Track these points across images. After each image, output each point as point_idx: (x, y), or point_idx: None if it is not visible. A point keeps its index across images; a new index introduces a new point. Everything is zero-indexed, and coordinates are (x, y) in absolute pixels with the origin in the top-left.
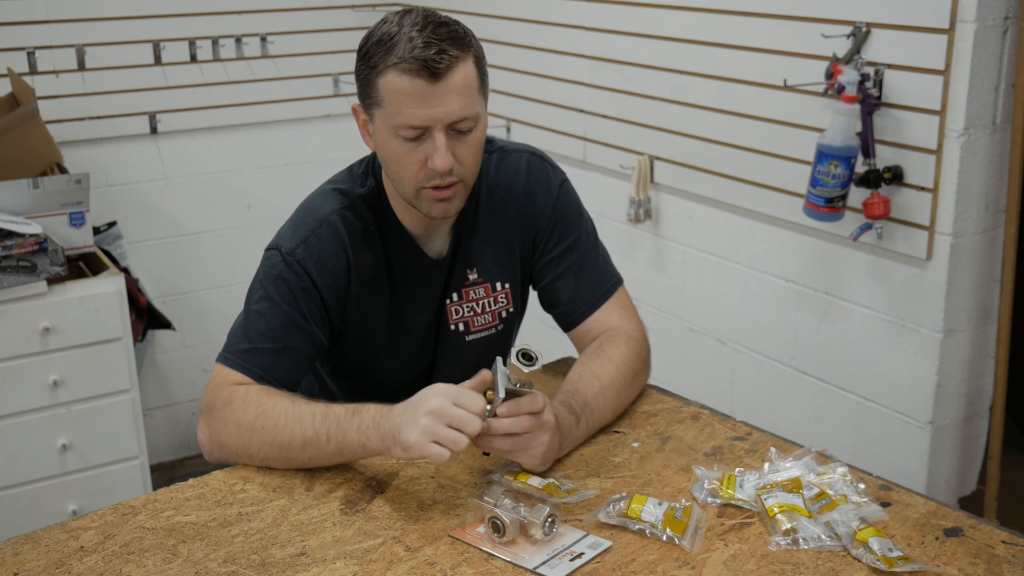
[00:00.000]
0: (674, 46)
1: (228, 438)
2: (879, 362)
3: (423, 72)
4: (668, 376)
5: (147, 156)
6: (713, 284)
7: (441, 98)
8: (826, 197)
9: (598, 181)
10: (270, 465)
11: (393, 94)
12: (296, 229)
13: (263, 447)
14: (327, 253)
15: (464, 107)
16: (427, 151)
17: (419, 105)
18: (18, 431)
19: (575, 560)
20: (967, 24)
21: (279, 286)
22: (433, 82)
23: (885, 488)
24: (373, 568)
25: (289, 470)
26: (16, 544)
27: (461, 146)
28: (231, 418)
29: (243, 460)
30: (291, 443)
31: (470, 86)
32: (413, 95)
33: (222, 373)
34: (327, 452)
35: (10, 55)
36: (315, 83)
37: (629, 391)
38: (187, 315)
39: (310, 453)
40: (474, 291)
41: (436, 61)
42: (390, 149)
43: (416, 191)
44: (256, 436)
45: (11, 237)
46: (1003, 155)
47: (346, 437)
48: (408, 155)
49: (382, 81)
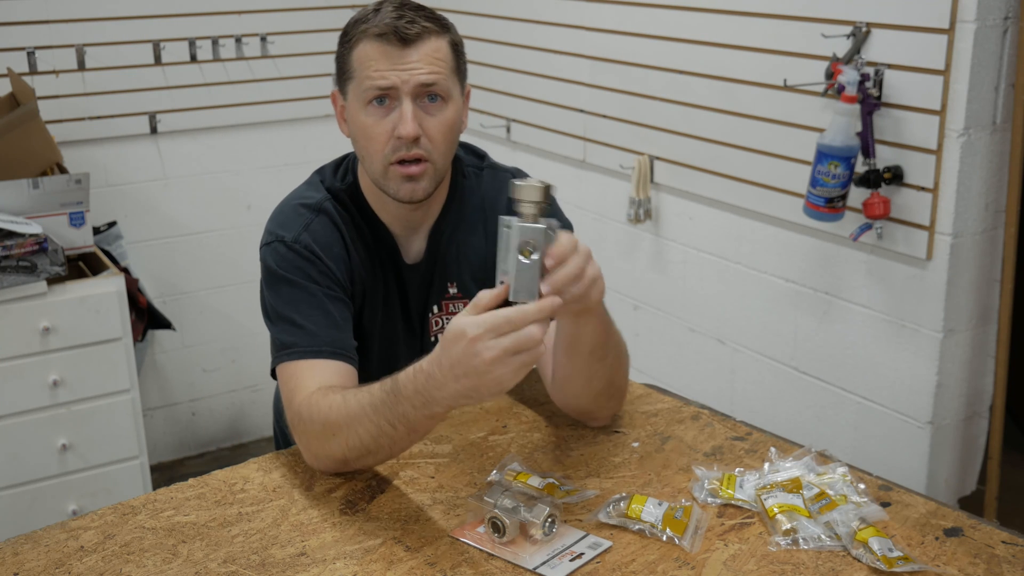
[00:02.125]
0: (674, 46)
1: (319, 450)
2: (879, 362)
3: (392, 37)
4: (668, 376)
5: (147, 156)
6: (713, 284)
7: (409, 61)
8: (826, 197)
9: (598, 181)
10: (368, 464)
11: (363, 61)
12: (291, 220)
13: (347, 451)
14: (329, 239)
15: (433, 74)
16: (394, 120)
17: (387, 66)
18: (18, 431)
19: (575, 560)
20: (967, 24)
21: (298, 271)
22: (402, 46)
23: (885, 488)
24: (373, 568)
25: (392, 458)
26: (16, 544)
27: (430, 121)
28: (311, 430)
29: (344, 467)
30: (364, 444)
31: (441, 59)
32: (382, 56)
33: (292, 372)
34: (403, 435)
35: (10, 55)
36: (315, 83)
37: (625, 354)
38: (187, 315)
39: (386, 443)
40: (453, 305)
41: (406, 28)
42: (359, 123)
43: (384, 168)
44: (335, 443)
45: (11, 237)
46: (1003, 155)
47: (410, 419)
48: (375, 126)
49: (354, 53)
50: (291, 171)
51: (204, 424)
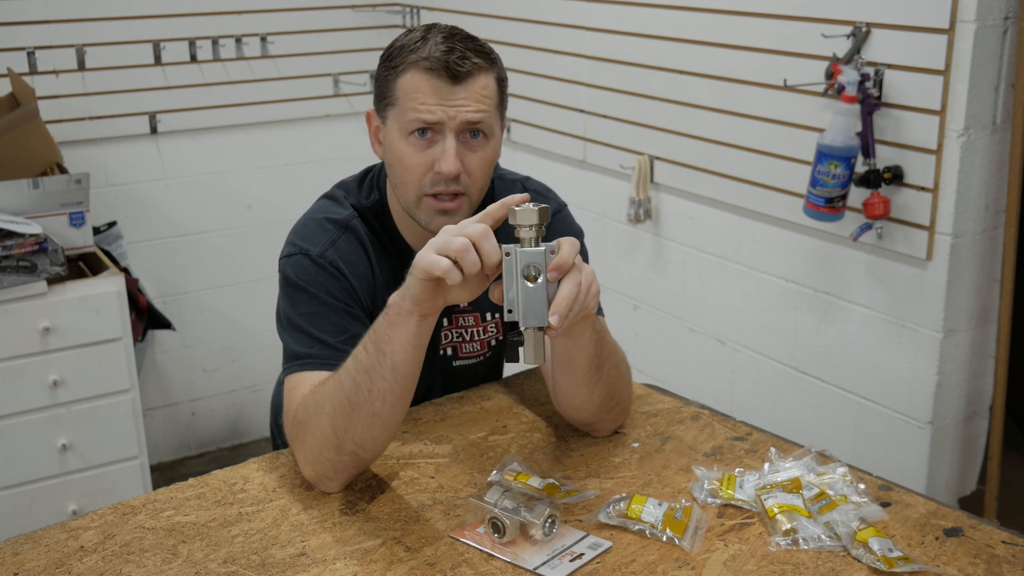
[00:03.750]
0: (674, 46)
1: (312, 443)
2: (879, 362)
3: (443, 72)
4: (668, 376)
5: (147, 156)
6: (713, 284)
7: (458, 99)
8: (826, 197)
9: (598, 181)
10: (360, 444)
11: (410, 91)
12: (317, 234)
13: (333, 416)
14: (355, 257)
15: (480, 112)
16: (435, 155)
17: (435, 101)
18: (18, 431)
19: (575, 561)
20: (967, 24)
21: (319, 285)
22: (452, 83)
23: (885, 488)
24: (373, 568)
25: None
26: (16, 544)
27: (471, 157)
28: (303, 423)
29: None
30: (347, 393)
31: (488, 96)
32: (430, 91)
33: (298, 382)
34: (374, 364)
35: (10, 55)
36: (315, 83)
37: (624, 365)
38: (187, 315)
39: (364, 381)
40: (463, 318)
41: (458, 64)
42: (398, 151)
43: (418, 198)
44: (323, 419)
45: (11, 237)
46: (1003, 155)
47: (376, 332)
48: (415, 156)
49: (401, 80)
50: (291, 171)
51: (204, 424)
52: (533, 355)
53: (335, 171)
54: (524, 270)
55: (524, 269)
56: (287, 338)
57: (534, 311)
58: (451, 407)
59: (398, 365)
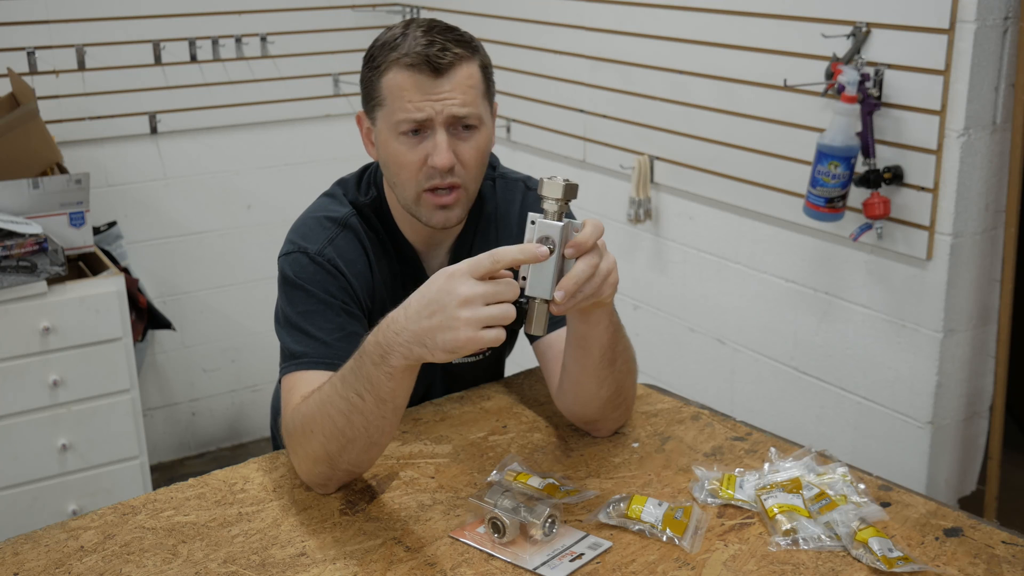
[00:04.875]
0: (674, 46)
1: (304, 456)
2: (879, 362)
3: (425, 67)
4: (668, 376)
5: (147, 156)
6: (713, 284)
7: (442, 92)
8: (826, 197)
9: (598, 181)
10: (352, 459)
11: (395, 90)
12: (316, 232)
13: (325, 442)
14: (353, 255)
15: (466, 103)
16: (427, 149)
17: (420, 98)
18: (18, 431)
19: (575, 561)
20: (967, 24)
21: (317, 283)
22: (435, 76)
23: (885, 488)
24: (373, 568)
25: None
26: (16, 544)
27: (463, 147)
28: (296, 433)
29: (331, 471)
30: (338, 427)
31: (473, 86)
32: (414, 88)
33: (296, 381)
34: (372, 407)
35: (10, 55)
36: (315, 83)
37: (633, 362)
38: (187, 315)
39: (359, 421)
40: None
41: (439, 57)
42: (391, 150)
43: (416, 195)
44: (315, 440)
45: (11, 237)
46: (1003, 155)
47: (373, 383)
48: (408, 154)
49: (384, 80)
50: (291, 171)
51: (204, 424)
52: (533, 325)
53: (335, 171)
54: (539, 241)
55: (539, 240)
56: (285, 336)
57: (541, 283)
58: (451, 407)
59: (399, 407)
